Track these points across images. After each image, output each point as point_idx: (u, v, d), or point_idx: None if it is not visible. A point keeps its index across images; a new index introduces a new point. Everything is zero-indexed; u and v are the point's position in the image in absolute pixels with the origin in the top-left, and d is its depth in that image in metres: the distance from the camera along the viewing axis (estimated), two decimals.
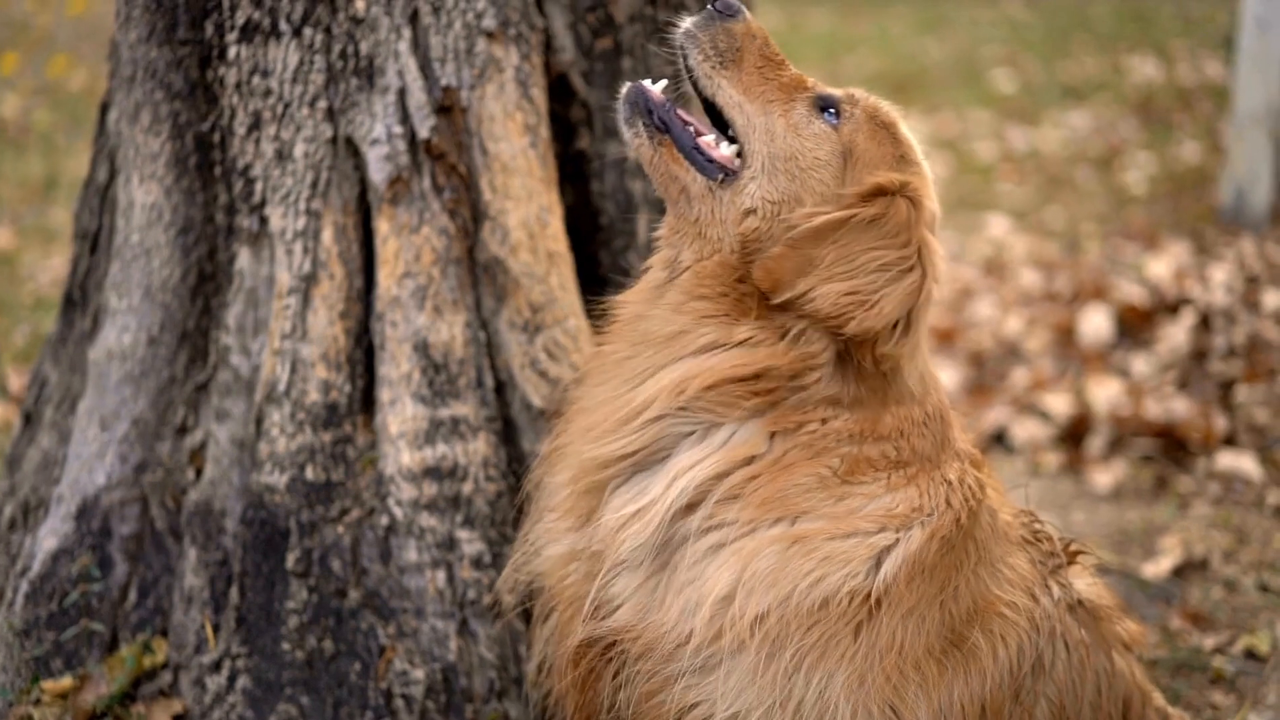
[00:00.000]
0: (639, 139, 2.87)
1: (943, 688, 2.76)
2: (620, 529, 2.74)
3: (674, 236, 2.89)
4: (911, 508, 2.77)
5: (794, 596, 2.67)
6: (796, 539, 2.69)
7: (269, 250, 3.55)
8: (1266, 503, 5.47)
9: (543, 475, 3.04)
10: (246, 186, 3.53)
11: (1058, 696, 2.96)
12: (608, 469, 2.79)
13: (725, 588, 2.67)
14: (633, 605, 2.76)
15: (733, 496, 2.72)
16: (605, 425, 2.79)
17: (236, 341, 3.59)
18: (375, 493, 3.50)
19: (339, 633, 3.43)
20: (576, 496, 2.85)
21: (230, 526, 3.54)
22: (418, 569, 3.47)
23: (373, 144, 3.45)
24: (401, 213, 3.47)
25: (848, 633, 2.69)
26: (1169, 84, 14.15)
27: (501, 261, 3.54)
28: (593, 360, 2.97)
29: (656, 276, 2.90)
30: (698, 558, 2.70)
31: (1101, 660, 3.08)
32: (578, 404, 2.95)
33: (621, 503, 2.76)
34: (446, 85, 3.47)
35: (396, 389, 3.48)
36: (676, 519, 2.72)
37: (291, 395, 3.50)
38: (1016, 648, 2.87)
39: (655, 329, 2.80)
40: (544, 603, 3.07)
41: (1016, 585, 2.92)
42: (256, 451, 3.53)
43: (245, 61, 3.49)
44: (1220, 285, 7.19)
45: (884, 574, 2.71)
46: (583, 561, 2.84)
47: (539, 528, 2.99)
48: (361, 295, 3.54)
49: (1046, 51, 16.06)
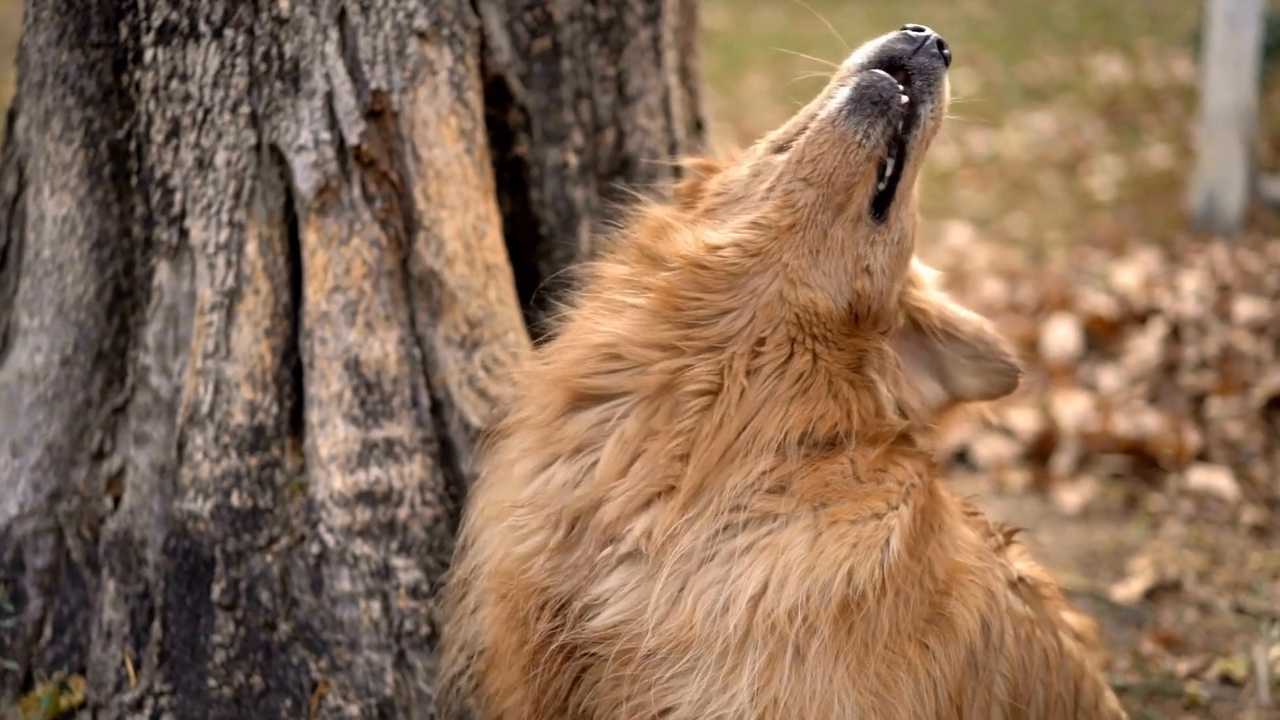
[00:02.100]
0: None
1: (922, 667, 2.85)
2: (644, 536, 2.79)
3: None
4: (897, 481, 2.87)
5: (828, 587, 2.74)
6: (823, 527, 2.78)
7: (190, 264, 3.55)
8: (1241, 521, 5.54)
9: (503, 459, 3.07)
10: (165, 197, 3.54)
11: (1010, 672, 3.04)
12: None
13: (758, 585, 2.73)
14: (625, 606, 2.78)
15: (772, 490, 2.81)
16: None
17: (156, 361, 3.60)
18: (305, 519, 3.51)
19: (268, 668, 3.44)
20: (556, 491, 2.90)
21: (151, 557, 3.54)
22: (351, 599, 3.48)
23: (299, 151, 3.47)
24: (330, 223, 3.49)
25: (860, 620, 2.77)
26: (1136, 84, 14.32)
27: (437, 274, 3.57)
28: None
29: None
30: (726, 556, 2.76)
31: (1049, 638, 3.17)
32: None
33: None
34: (376, 89, 3.49)
35: (326, 409, 3.50)
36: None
37: (215, 417, 3.51)
38: (979, 617, 2.97)
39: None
40: (478, 595, 3.09)
41: (970, 553, 3.02)
42: (179, 477, 3.54)
43: (163, 65, 3.50)
44: (1191, 294, 7.29)
45: (892, 553, 2.81)
46: (551, 556, 2.87)
47: (496, 523, 3.01)
48: (289, 311, 3.55)
49: (1007, 51, 16.21)
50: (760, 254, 2.80)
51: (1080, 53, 15.81)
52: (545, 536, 2.88)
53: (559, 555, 2.86)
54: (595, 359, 2.85)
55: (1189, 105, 12.46)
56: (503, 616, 2.97)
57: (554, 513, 2.86)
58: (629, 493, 2.79)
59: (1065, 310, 7.45)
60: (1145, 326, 7.12)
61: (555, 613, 2.84)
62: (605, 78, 3.90)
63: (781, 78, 15.10)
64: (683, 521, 2.77)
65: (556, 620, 2.84)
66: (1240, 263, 8.22)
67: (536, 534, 2.89)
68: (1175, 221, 9.78)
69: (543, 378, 2.94)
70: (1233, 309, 7.14)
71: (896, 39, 2.89)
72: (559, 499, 2.86)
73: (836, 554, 2.76)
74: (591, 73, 3.88)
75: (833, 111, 2.80)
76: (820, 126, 2.81)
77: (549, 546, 2.86)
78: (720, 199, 2.96)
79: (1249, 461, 6.01)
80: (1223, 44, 9.34)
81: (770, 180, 2.86)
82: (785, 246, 2.80)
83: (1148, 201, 10.45)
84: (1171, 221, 9.80)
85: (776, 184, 2.84)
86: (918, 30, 2.90)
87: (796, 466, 2.79)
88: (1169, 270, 8.16)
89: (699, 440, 2.78)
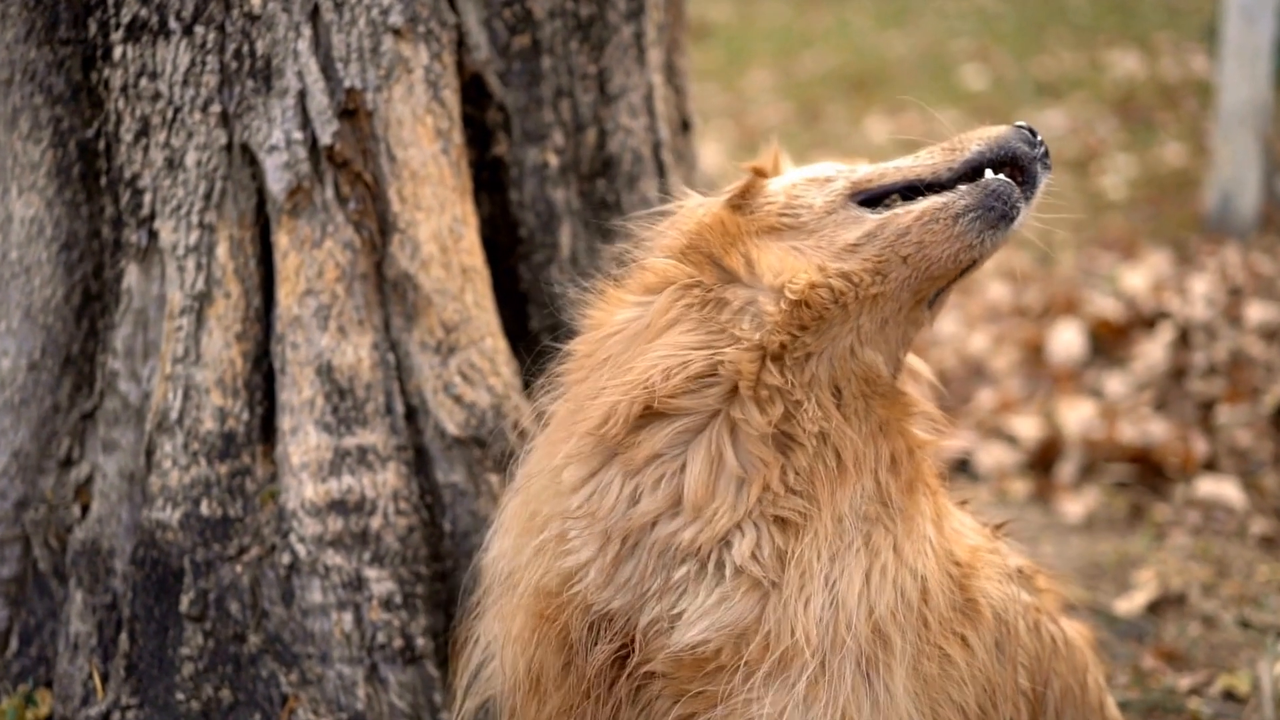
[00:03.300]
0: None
1: (963, 660, 2.95)
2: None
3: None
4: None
5: (909, 588, 2.84)
6: (900, 533, 2.87)
7: (159, 267, 3.58)
8: (1250, 532, 5.55)
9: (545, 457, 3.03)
10: (134, 198, 3.57)
11: (1028, 661, 3.12)
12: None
13: (857, 594, 2.79)
14: (716, 622, 2.79)
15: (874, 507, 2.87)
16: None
17: (125, 366, 3.63)
18: (276, 529, 3.54)
19: (237, 681, 3.47)
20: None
21: (119, 567, 3.57)
22: (322, 611, 3.51)
23: (270, 151, 3.50)
24: (302, 225, 3.51)
25: (929, 613, 2.88)
26: (1152, 79, 14.31)
27: (412, 277, 3.59)
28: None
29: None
30: (825, 566, 2.80)
31: (1055, 628, 3.24)
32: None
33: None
34: (350, 87, 3.52)
35: (298, 416, 3.53)
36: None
37: (185, 424, 3.53)
38: (1000, 597, 3.05)
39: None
40: (506, 614, 3.04)
41: (977, 535, 3.12)
42: (147, 485, 3.56)
43: (132, 62, 3.52)
44: (1201, 298, 7.30)
45: (933, 543, 2.93)
46: (602, 571, 2.86)
47: (530, 535, 3.00)
48: (260, 315, 3.58)
49: (1020, 45, 16.20)
50: (846, 307, 2.81)
51: (1095, 47, 15.79)
52: (595, 551, 2.86)
53: (610, 570, 2.85)
54: (687, 377, 2.80)
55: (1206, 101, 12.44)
56: (545, 639, 2.94)
57: (609, 527, 2.85)
58: (726, 515, 2.79)
59: (1071, 314, 7.47)
60: (1153, 331, 7.13)
61: (614, 632, 2.85)
62: (586, 76, 3.92)
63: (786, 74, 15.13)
64: (800, 544, 2.79)
65: (616, 641, 2.85)
66: (1252, 265, 8.23)
67: (585, 548, 2.87)
68: (1189, 222, 9.78)
69: (611, 379, 2.89)
70: (1243, 313, 7.16)
71: (1018, 138, 2.93)
72: (616, 513, 2.84)
73: (911, 555, 2.85)
74: (572, 70, 3.91)
75: (958, 209, 2.80)
76: (937, 215, 2.80)
77: (602, 563, 2.85)
78: (786, 220, 2.95)
79: (1258, 471, 6.02)
80: (1238, 38, 9.32)
81: (856, 234, 2.86)
82: (865, 309, 2.83)
83: (1161, 201, 10.46)
84: (1185, 222, 9.80)
85: (867, 244, 2.84)
86: (1033, 133, 2.95)
87: (888, 483, 2.85)
88: (1180, 273, 8.17)
89: (816, 478, 2.81)
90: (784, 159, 3.19)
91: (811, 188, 2.98)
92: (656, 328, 2.85)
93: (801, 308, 2.78)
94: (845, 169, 3.03)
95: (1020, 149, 2.91)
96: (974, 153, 2.92)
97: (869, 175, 2.97)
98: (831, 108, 13.53)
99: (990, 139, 2.94)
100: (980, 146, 2.93)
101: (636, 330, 2.89)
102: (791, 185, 3.01)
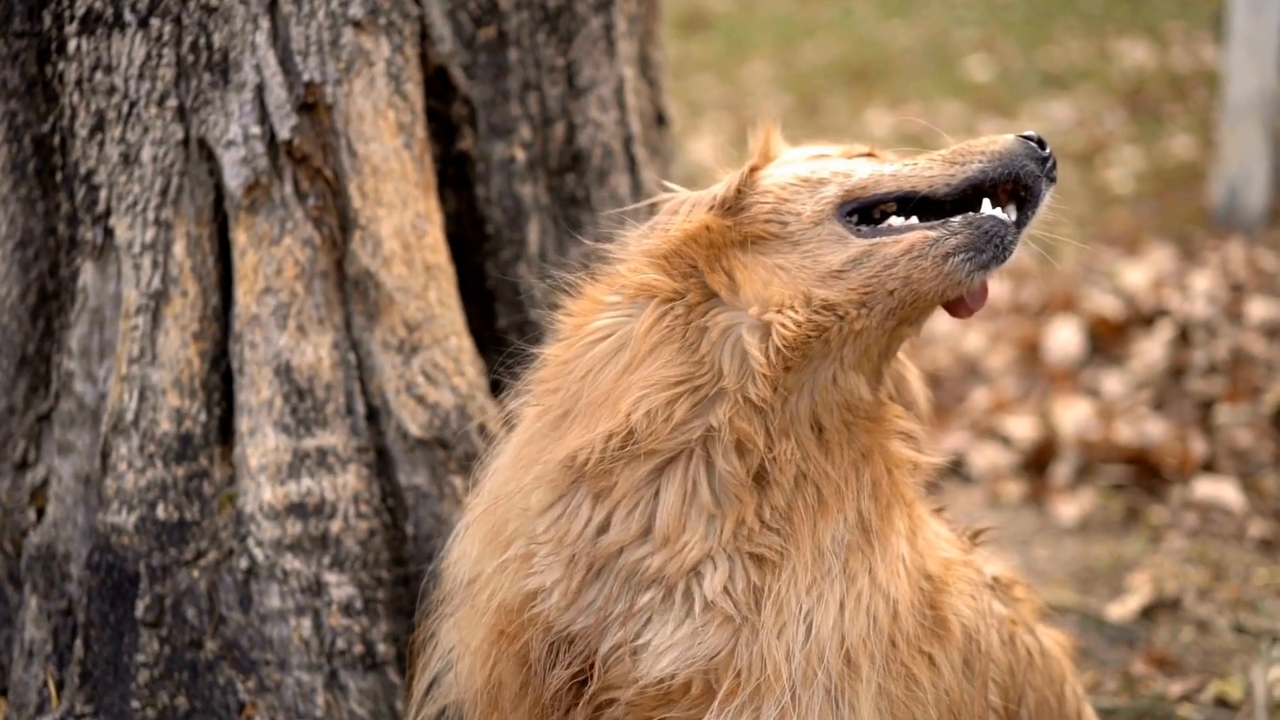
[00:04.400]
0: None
1: (928, 681, 2.93)
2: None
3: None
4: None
5: (882, 611, 2.85)
6: (877, 558, 2.88)
7: (115, 265, 3.59)
8: (1248, 534, 5.57)
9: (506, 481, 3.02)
10: (90, 194, 3.58)
11: (1001, 677, 3.12)
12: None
13: (831, 626, 2.79)
14: (683, 655, 2.80)
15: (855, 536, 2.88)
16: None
17: (81, 367, 3.64)
18: (234, 533, 3.55)
19: (194, 688, 3.48)
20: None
21: (75, 572, 3.58)
22: (281, 616, 3.52)
23: (228, 146, 3.51)
24: (261, 222, 3.53)
25: (899, 635, 2.89)
26: (1162, 70, 14.32)
27: (373, 275, 3.60)
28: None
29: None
30: (802, 601, 2.81)
31: (1031, 639, 3.25)
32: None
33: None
34: (309, 80, 3.53)
35: (257, 417, 3.54)
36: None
37: (140, 426, 3.55)
38: (971, 614, 3.04)
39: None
40: (466, 627, 3.06)
41: (951, 547, 3.11)
42: (103, 488, 3.58)
43: (87, 56, 3.54)
44: (1202, 295, 7.31)
45: (906, 559, 2.94)
46: (566, 595, 2.87)
47: (496, 551, 3.00)
48: (219, 314, 3.59)
49: (1028, 35, 16.21)
50: (829, 342, 2.79)
51: (1105, 36, 15.80)
52: (560, 574, 2.87)
53: (574, 594, 2.87)
54: (668, 421, 2.80)
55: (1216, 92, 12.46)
56: (504, 656, 2.97)
57: (576, 552, 2.86)
58: (697, 547, 2.80)
59: (1069, 312, 7.47)
60: (1152, 329, 7.14)
61: (573, 656, 2.87)
62: (554, 68, 3.93)
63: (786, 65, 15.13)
64: (778, 581, 2.80)
65: (575, 664, 2.87)
66: (1255, 261, 8.23)
67: (550, 571, 2.88)
68: (1196, 217, 9.78)
69: (589, 406, 2.88)
70: (1245, 310, 7.17)
71: (1025, 154, 2.85)
72: (584, 538, 2.85)
73: (885, 578, 2.85)
74: (540, 63, 3.92)
75: (949, 248, 2.72)
76: (925, 251, 2.73)
77: (566, 586, 2.86)
78: (773, 228, 2.88)
79: (1258, 472, 6.03)
80: (1245, 27, 9.31)
81: (841, 258, 2.80)
82: (849, 340, 2.79)
83: (1168, 195, 10.46)
84: (1192, 217, 9.81)
85: (852, 270, 2.78)
86: (1041, 144, 2.87)
87: (869, 511, 2.85)
88: (1181, 269, 8.18)
89: (796, 514, 2.82)
90: (777, 140, 3.13)
91: (803, 191, 2.90)
92: (638, 352, 2.82)
93: (787, 351, 2.75)
94: (841, 168, 2.94)
95: (1025, 168, 2.83)
96: (975, 170, 2.83)
97: (863, 182, 2.88)
98: (832, 100, 13.52)
99: (994, 155, 2.85)
100: (983, 164, 2.84)
101: (615, 348, 2.86)
102: (782, 186, 2.92)
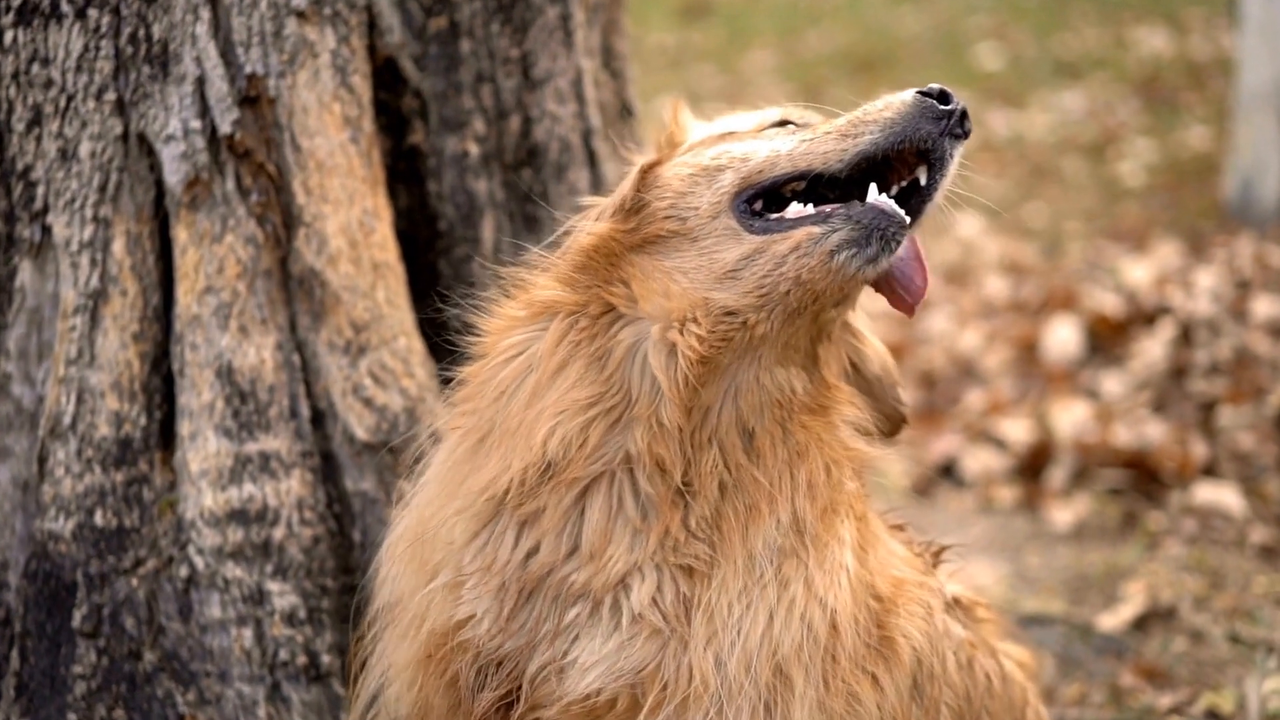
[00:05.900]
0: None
1: (873, 702, 2.93)
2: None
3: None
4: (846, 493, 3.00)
5: (818, 622, 2.85)
6: (813, 563, 2.89)
7: (54, 264, 3.60)
8: (1249, 541, 5.57)
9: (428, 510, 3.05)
10: (27, 191, 3.59)
11: (955, 702, 3.11)
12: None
13: (760, 634, 2.81)
14: (611, 669, 2.82)
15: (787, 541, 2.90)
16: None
17: (18, 369, 3.65)
18: (174, 540, 3.56)
19: (132, 700, 3.49)
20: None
21: (13, 580, 3.59)
22: (222, 626, 3.53)
23: (168, 141, 3.52)
24: (202, 219, 3.54)
25: (840, 650, 2.89)
26: (1179, 58, 14.32)
27: (318, 274, 3.61)
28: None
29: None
30: (732, 609, 2.83)
31: (990, 662, 3.25)
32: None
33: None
34: (251, 73, 3.54)
35: (198, 421, 3.55)
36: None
37: (78, 429, 3.56)
38: (923, 636, 3.03)
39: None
40: (403, 629, 3.08)
41: (906, 567, 3.11)
42: (41, 494, 3.58)
43: (23, 48, 3.54)
44: (1206, 292, 7.30)
45: (851, 574, 2.93)
46: (496, 621, 2.90)
47: (420, 577, 3.03)
48: (159, 314, 3.60)
49: (1042, 22, 16.21)
50: (735, 349, 2.79)
51: (1122, 23, 15.81)
52: (490, 602, 2.89)
53: (505, 621, 2.89)
54: (582, 448, 2.82)
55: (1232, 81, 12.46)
56: (432, 678, 3.00)
57: (506, 580, 2.88)
58: (622, 560, 2.82)
59: (1069, 310, 7.47)
60: (1153, 327, 7.14)
61: (501, 677, 2.89)
62: (509, 60, 3.94)
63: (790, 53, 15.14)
64: (708, 591, 2.82)
65: (503, 686, 2.89)
66: (1264, 257, 8.21)
67: (480, 600, 2.91)
68: (1208, 210, 9.78)
69: (503, 433, 2.90)
70: (1250, 308, 7.16)
71: (921, 115, 2.80)
72: (513, 564, 2.88)
73: (822, 586, 2.86)
74: (494, 54, 3.92)
75: (833, 245, 2.70)
76: (810, 249, 2.71)
77: (497, 613, 2.89)
78: (672, 225, 2.88)
79: (1260, 476, 6.03)
80: (1260, 14, 9.31)
81: (735, 256, 2.79)
82: (760, 341, 2.80)
83: (1181, 188, 10.46)
84: (1204, 210, 9.80)
85: (746, 269, 2.77)
86: (944, 97, 2.82)
87: (804, 511, 2.87)
88: (1187, 265, 8.17)
89: (724, 521, 2.84)
90: (686, 122, 3.13)
91: (701, 182, 2.89)
92: (546, 371, 2.85)
93: (697, 369, 2.76)
94: (740, 151, 2.91)
95: (919, 131, 2.78)
96: (867, 143, 2.80)
97: (759, 166, 2.86)
98: (835, 90, 13.52)
99: (885, 123, 2.80)
100: (874, 134, 2.80)
101: (524, 368, 2.89)
102: (682, 179, 2.92)
